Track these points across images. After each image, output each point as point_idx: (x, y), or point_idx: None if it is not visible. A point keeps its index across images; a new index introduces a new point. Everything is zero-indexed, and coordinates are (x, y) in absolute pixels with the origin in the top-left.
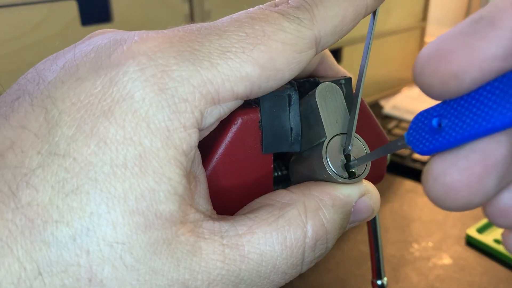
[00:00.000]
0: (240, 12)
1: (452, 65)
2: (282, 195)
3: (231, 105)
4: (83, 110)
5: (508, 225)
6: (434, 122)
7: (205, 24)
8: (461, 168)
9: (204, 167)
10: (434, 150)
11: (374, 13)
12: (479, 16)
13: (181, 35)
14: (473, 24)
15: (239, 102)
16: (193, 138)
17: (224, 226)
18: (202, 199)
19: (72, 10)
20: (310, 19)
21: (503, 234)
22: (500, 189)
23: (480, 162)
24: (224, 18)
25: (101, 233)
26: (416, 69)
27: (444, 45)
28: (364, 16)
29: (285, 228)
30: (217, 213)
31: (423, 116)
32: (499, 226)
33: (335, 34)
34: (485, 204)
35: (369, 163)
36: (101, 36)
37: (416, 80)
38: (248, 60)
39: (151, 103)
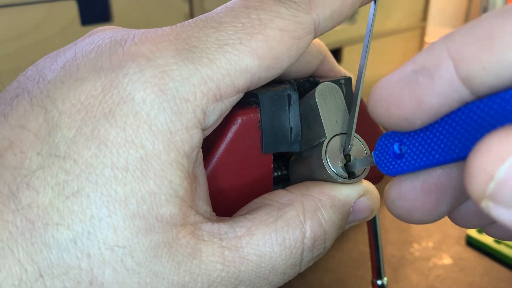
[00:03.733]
0: (234, 0)
1: (402, 111)
2: (281, 195)
3: (233, 100)
4: (84, 112)
5: (469, 227)
6: (396, 147)
7: (201, 17)
8: (415, 197)
9: (204, 167)
10: (397, 173)
11: (375, 2)
12: (420, 67)
13: (178, 31)
14: (414, 74)
15: (240, 96)
16: (195, 139)
17: (223, 228)
18: (202, 201)
19: (72, 10)
20: (307, 3)
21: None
22: (453, 208)
23: (433, 193)
24: (219, 8)
25: (102, 236)
26: (369, 108)
27: (392, 92)
28: (364, 3)
29: (283, 229)
30: (217, 213)
31: (387, 139)
32: (461, 226)
33: (334, 19)
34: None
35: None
36: (102, 35)
37: (371, 116)
38: (246, 51)
39: (152, 105)
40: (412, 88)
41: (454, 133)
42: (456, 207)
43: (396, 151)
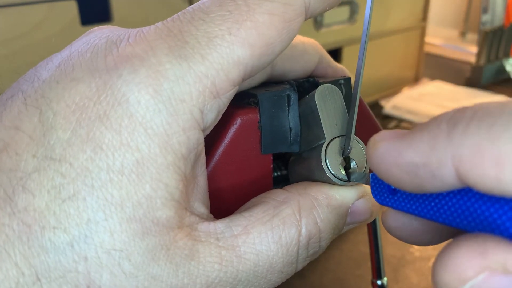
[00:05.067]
0: None
1: (400, 185)
2: (278, 194)
3: (229, 95)
4: (78, 113)
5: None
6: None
7: (188, 8)
8: (414, 229)
9: (205, 168)
10: (388, 206)
11: (371, 1)
12: (421, 161)
13: (170, 27)
14: (415, 167)
15: (236, 89)
16: (192, 141)
17: (219, 227)
18: (198, 202)
19: (71, 10)
20: None
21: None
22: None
23: (432, 229)
24: None
25: (99, 240)
26: (370, 164)
27: (391, 171)
28: None
29: (279, 227)
30: (217, 214)
31: None
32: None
33: (325, 1)
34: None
35: (369, 166)
36: (99, 34)
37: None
38: (236, 41)
39: (147, 107)
40: (412, 178)
41: (443, 204)
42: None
43: (391, 186)
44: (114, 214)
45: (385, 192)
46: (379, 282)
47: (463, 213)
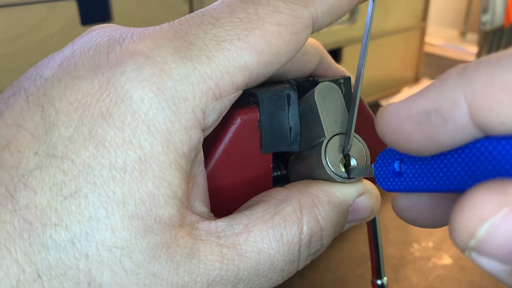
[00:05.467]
0: None
1: (412, 145)
2: (278, 192)
3: (232, 98)
4: (81, 110)
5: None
6: (396, 165)
7: (197, 12)
8: (423, 208)
9: (204, 168)
10: (394, 190)
11: (373, 0)
12: (433, 107)
13: (176, 29)
14: (427, 114)
15: (239, 93)
16: (194, 140)
17: (220, 225)
18: (198, 201)
19: (71, 10)
20: None
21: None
22: None
23: (441, 205)
24: (215, 4)
25: (100, 237)
26: (378, 133)
27: (402, 127)
28: (362, 1)
29: (281, 225)
30: (217, 213)
31: (388, 155)
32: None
33: (332, 14)
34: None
35: (369, 163)
36: (101, 33)
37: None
38: (244, 47)
39: (150, 104)
40: (424, 128)
41: (456, 166)
42: None
43: (395, 168)
44: (116, 211)
45: (390, 176)
46: (379, 282)
47: (476, 170)
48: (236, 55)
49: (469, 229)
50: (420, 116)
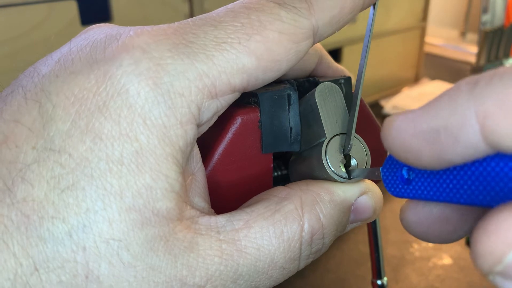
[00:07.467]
0: (235, 2)
1: (420, 161)
2: (279, 191)
3: (229, 98)
4: (78, 105)
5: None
6: (404, 172)
7: (200, 16)
8: (432, 224)
9: (203, 165)
10: (403, 197)
11: (374, 6)
12: (443, 125)
13: (176, 28)
14: (436, 132)
15: (236, 95)
16: (190, 135)
17: (220, 221)
18: (198, 197)
19: (72, 10)
20: (307, 8)
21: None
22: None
23: (452, 221)
24: (219, 9)
25: (97, 229)
26: (385, 146)
27: (410, 143)
28: (363, 9)
29: (281, 222)
30: (217, 213)
31: (396, 161)
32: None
33: (333, 25)
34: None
35: (369, 163)
36: (98, 31)
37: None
38: (244, 51)
39: (146, 98)
40: (433, 146)
41: (467, 179)
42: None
43: (404, 175)
44: (113, 203)
45: (399, 183)
46: (379, 282)
47: (487, 186)
48: (235, 57)
49: (496, 254)
50: (429, 134)
